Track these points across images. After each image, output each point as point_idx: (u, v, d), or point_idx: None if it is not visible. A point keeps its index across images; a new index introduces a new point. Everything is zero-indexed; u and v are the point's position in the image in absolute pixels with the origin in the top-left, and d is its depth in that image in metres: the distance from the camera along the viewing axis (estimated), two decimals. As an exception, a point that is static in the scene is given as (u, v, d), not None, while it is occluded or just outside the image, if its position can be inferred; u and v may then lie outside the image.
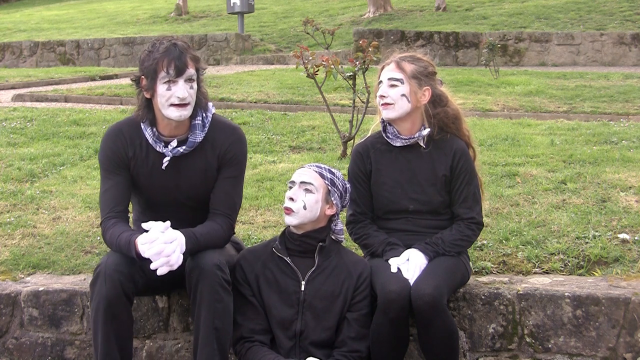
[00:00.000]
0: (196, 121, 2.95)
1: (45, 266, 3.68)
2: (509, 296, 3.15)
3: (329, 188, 3.02)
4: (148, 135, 2.95)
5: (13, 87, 11.11)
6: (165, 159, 2.94)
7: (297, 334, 2.95)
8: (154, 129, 2.95)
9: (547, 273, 3.41)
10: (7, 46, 16.55)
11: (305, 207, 2.96)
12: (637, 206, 3.97)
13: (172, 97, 2.82)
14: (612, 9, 15.47)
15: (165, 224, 2.75)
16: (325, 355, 2.92)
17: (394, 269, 2.92)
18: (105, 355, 2.79)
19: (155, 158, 2.96)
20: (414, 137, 3.11)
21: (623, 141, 5.55)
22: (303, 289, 2.97)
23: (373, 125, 3.31)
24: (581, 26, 14.44)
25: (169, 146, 2.94)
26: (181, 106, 2.84)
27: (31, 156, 5.58)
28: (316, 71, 5.31)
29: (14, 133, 6.56)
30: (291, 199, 2.99)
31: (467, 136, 3.20)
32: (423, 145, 3.12)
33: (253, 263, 3.03)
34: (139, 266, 2.82)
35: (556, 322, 3.11)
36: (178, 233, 2.77)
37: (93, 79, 11.99)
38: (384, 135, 3.17)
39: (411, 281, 2.87)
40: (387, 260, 2.99)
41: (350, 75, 5.31)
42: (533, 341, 3.13)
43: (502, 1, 17.47)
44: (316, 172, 3.03)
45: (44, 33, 18.46)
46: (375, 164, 3.17)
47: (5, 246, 3.89)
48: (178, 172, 2.97)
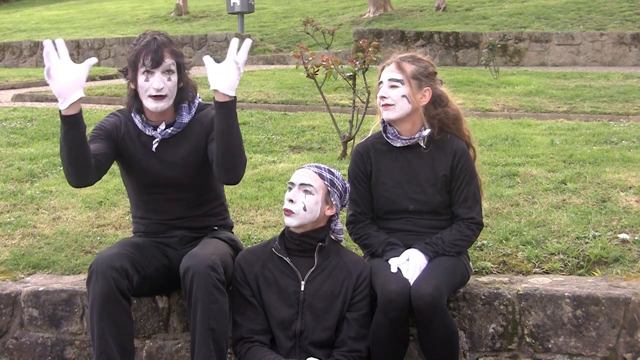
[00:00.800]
0: (183, 104, 3.08)
1: (45, 266, 3.68)
2: (509, 296, 3.15)
3: (329, 189, 3.01)
4: (137, 121, 3.09)
5: (13, 87, 11.11)
6: (154, 141, 3.06)
7: (297, 334, 2.94)
8: (142, 116, 3.09)
9: (547, 273, 3.41)
10: (7, 46, 16.55)
11: (305, 209, 2.96)
12: (637, 206, 3.97)
13: (150, 89, 2.95)
14: (612, 9, 15.45)
15: None
16: (325, 355, 2.92)
17: (394, 269, 2.92)
18: (100, 353, 2.79)
19: (146, 140, 3.09)
20: (415, 138, 3.11)
21: (623, 141, 5.55)
22: (303, 289, 2.97)
23: (373, 125, 3.31)
24: (581, 26, 14.42)
25: (158, 129, 3.07)
26: (158, 97, 2.96)
27: (31, 156, 5.57)
28: (316, 71, 5.30)
29: (14, 133, 6.56)
30: (291, 201, 2.98)
31: (468, 136, 3.20)
32: (423, 145, 3.12)
33: (253, 263, 3.03)
34: (135, 261, 2.88)
35: (556, 322, 3.10)
36: None
37: (93, 79, 11.96)
38: (384, 135, 3.17)
39: (411, 281, 2.87)
40: (387, 260, 2.99)
41: (350, 75, 5.30)
42: (533, 341, 3.13)
43: (502, 1, 17.46)
44: (316, 173, 3.02)
45: (44, 33, 18.43)
46: (375, 164, 3.16)
47: (5, 246, 3.89)
48: (168, 153, 3.07)
